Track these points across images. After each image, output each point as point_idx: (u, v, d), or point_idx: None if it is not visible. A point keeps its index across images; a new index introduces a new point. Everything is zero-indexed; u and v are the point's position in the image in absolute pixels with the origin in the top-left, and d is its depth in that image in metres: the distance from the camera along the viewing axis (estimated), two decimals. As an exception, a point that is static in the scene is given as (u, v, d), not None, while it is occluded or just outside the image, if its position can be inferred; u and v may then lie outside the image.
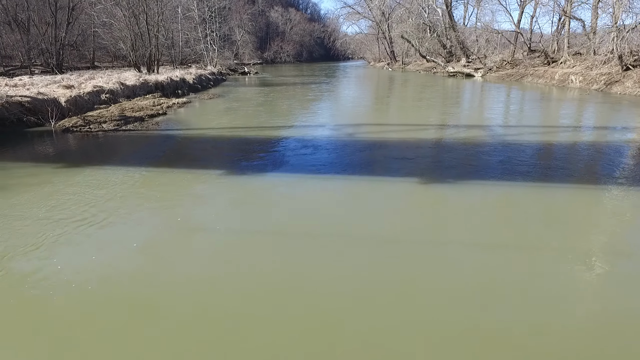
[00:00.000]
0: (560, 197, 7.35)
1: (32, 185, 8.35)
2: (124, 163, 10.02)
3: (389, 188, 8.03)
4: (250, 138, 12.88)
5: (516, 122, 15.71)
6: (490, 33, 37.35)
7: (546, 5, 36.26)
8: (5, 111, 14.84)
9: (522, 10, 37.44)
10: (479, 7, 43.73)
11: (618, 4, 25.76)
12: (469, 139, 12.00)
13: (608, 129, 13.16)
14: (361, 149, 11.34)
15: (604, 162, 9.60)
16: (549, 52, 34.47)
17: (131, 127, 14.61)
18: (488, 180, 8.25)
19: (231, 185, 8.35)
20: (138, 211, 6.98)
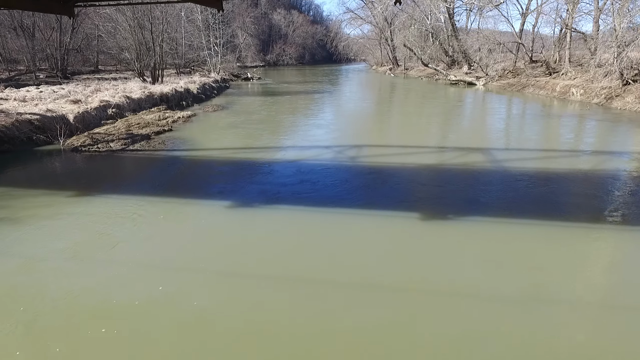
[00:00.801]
0: (555, 238, 7.61)
1: (45, 217, 8.65)
2: (132, 191, 10.33)
3: (386, 224, 8.30)
4: (253, 162, 13.14)
5: (516, 144, 15.91)
6: (492, 44, 37.50)
7: (548, 15, 36.48)
8: (16, 130, 15.17)
9: (523, 20, 37.68)
10: (481, 15, 43.95)
11: (619, 18, 25.97)
12: (468, 165, 12.25)
13: (605, 155, 13.37)
14: (360, 175, 11.62)
15: (597, 196, 9.85)
16: (550, 62, 34.69)
17: (138, 147, 14.91)
18: (486, 217, 8.51)
19: (233, 219, 8.64)
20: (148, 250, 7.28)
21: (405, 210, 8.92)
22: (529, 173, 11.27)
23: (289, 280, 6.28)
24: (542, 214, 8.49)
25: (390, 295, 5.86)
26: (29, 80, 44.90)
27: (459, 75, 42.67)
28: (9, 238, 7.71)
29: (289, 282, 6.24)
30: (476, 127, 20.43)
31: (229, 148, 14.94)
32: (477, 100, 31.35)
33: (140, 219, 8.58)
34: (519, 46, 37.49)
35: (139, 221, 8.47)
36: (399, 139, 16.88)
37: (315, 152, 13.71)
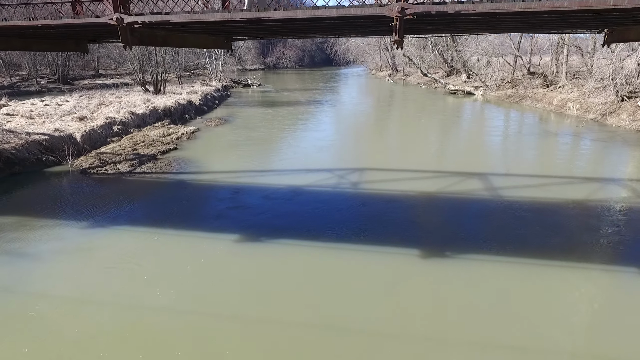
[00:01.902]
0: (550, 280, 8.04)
1: (61, 252, 9.05)
2: (141, 222, 10.75)
3: (384, 262, 8.71)
4: (256, 189, 13.50)
5: (513, 168, 16.18)
6: (491, 55, 37.95)
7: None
8: (26, 151, 15.53)
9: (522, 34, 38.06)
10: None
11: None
12: (465, 194, 12.65)
13: (598, 183, 13.78)
14: (359, 204, 12.03)
15: (588, 231, 10.29)
16: (548, 74, 35.17)
17: (145, 169, 15.29)
18: (482, 254, 8.92)
19: (238, 255, 9.05)
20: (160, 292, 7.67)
21: (402, 245, 9.31)
22: (523, 205, 11.68)
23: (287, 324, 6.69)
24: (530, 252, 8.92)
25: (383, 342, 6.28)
26: (30, 87, 45.29)
27: (457, 84, 43.09)
28: (26, 274, 8.09)
29: (288, 326, 6.65)
30: (474, 147, 20.83)
31: (232, 171, 15.29)
32: (476, 113, 31.79)
33: (149, 255, 8.97)
34: (517, 58, 37.93)
35: (149, 259, 8.86)
36: (398, 160, 17.23)
37: (315, 178, 13.98)
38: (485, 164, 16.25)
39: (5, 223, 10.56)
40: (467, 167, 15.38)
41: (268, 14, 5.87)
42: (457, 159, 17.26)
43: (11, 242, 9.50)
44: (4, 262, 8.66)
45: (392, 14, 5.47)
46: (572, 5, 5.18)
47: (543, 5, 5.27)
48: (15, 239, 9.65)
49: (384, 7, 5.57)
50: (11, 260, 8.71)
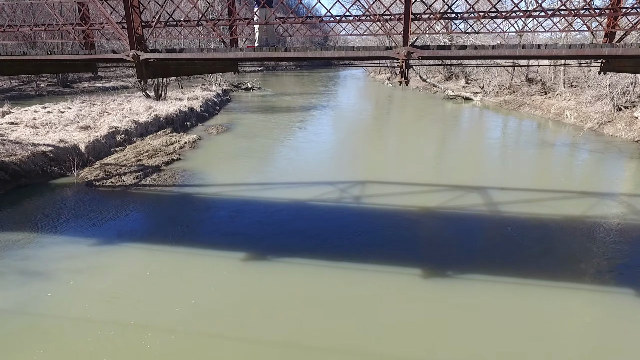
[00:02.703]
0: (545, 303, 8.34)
1: (73, 271, 9.28)
2: (149, 239, 10.98)
3: (385, 281, 8.99)
4: (258, 203, 13.72)
5: (511, 181, 16.48)
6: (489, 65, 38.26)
7: (543, 35, 37.23)
8: (32, 163, 15.73)
9: (520, 40, 38.40)
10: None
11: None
12: (463, 210, 12.95)
13: (594, 198, 14.09)
14: (360, 220, 12.31)
15: (584, 250, 10.61)
16: (545, 81, 35.54)
17: (150, 181, 15.53)
18: (480, 274, 9.23)
19: (241, 275, 9.32)
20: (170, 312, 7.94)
21: (402, 264, 9.60)
22: (522, 222, 11.99)
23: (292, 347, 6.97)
24: (528, 272, 9.22)
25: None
26: (30, 90, 45.34)
27: (456, 89, 43.44)
28: (39, 294, 8.33)
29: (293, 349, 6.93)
30: (473, 158, 21.13)
31: (235, 184, 15.52)
32: (475, 121, 32.12)
33: (156, 274, 9.23)
34: (515, 64, 38.27)
35: (156, 278, 9.12)
36: (397, 172, 17.50)
37: (315, 192, 14.20)
38: (484, 177, 16.54)
39: (16, 240, 10.78)
40: (467, 179, 15.69)
41: (279, 54, 6.14)
42: (457, 171, 17.54)
43: (24, 260, 9.73)
44: (18, 282, 8.90)
45: (399, 57, 5.74)
46: (570, 52, 5.46)
47: (542, 52, 5.55)
48: (27, 257, 9.88)
49: (392, 49, 5.84)
50: (24, 280, 8.94)
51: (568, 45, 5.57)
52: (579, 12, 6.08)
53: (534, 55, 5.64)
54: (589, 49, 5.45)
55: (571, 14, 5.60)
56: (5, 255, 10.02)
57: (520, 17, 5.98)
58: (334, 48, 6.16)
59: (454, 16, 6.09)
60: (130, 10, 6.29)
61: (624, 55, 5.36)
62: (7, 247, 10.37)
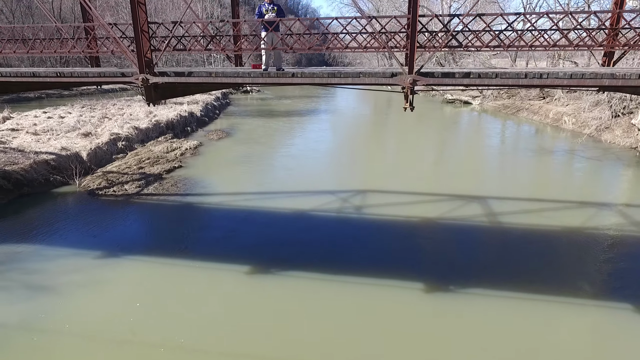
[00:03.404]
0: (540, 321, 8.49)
1: (79, 285, 9.37)
2: (152, 251, 11.06)
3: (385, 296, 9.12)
4: (261, 213, 13.84)
5: (509, 190, 16.61)
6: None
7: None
8: (34, 172, 15.79)
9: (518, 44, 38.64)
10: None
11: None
12: (463, 220, 13.09)
13: (591, 208, 14.26)
14: (361, 231, 12.44)
15: (583, 263, 10.77)
16: (543, 86, 35.77)
17: (152, 190, 15.62)
18: (480, 288, 9.36)
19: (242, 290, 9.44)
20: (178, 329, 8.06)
21: (403, 278, 9.72)
22: (521, 234, 12.15)
23: None
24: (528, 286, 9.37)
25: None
26: (29, 93, 45.28)
27: (455, 93, 43.64)
28: (47, 310, 8.43)
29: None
30: (472, 165, 21.29)
31: (236, 193, 15.61)
32: (474, 126, 32.31)
33: (160, 289, 9.34)
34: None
35: (160, 293, 9.23)
36: (397, 180, 17.60)
37: (316, 201, 14.28)
38: (483, 186, 16.69)
39: (21, 251, 10.87)
40: (466, 188, 15.83)
41: (287, 80, 6.27)
42: (456, 179, 17.68)
43: (30, 274, 9.81)
44: (23, 296, 8.99)
45: (405, 84, 5.86)
46: (572, 82, 5.61)
47: (544, 81, 5.69)
48: (32, 270, 9.97)
49: (397, 76, 5.96)
50: (31, 295, 9.03)
51: (569, 74, 5.71)
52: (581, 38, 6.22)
53: (537, 85, 5.78)
54: (590, 79, 5.59)
55: (572, 44, 5.75)
56: (11, 268, 10.10)
57: (521, 47, 6.13)
58: (340, 74, 6.29)
59: (456, 44, 6.22)
60: (139, 35, 6.39)
61: (623, 86, 5.51)
62: (12, 260, 10.46)
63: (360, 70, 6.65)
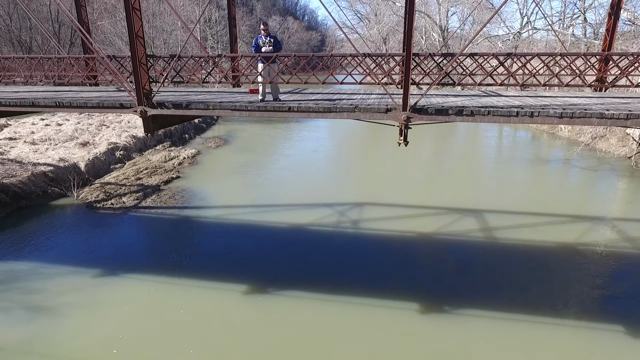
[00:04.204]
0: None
1: (77, 306, 9.45)
2: (149, 268, 11.15)
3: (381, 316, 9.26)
4: (258, 228, 13.94)
5: (507, 202, 16.72)
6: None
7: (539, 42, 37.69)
8: (32, 184, 15.85)
9: (515, 51, 38.85)
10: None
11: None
12: (459, 236, 13.23)
13: (585, 223, 14.39)
14: (355, 249, 12.57)
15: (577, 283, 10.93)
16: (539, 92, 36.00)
17: (150, 202, 15.69)
18: (475, 309, 9.50)
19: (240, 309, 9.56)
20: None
21: (398, 298, 9.85)
22: (516, 251, 12.29)
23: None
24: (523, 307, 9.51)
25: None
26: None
27: (452, 98, 43.78)
28: (46, 332, 8.51)
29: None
30: (468, 175, 21.44)
31: (233, 206, 15.68)
32: (470, 132, 32.43)
33: (159, 309, 9.44)
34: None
35: (158, 313, 9.33)
36: (393, 191, 17.70)
37: (312, 215, 14.47)
38: (479, 197, 16.82)
39: (21, 270, 10.94)
40: (461, 200, 15.97)
41: (284, 114, 6.38)
42: (452, 189, 17.80)
43: (30, 294, 9.89)
44: (23, 318, 9.07)
45: (399, 121, 5.98)
46: (562, 122, 5.74)
47: (535, 121, 5.83)
48: (33, 290, 10.05)
49: (391, 112, 6.08)
50: (31, 316, 9.11)
51: (559, 113, 5.83)
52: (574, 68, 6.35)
53: (527, 122, 5.92)
54: (579, 118, 5.72)
55: (562, 84, 5.90)
56: (10, 287, 10.18)
57: (512, 85, 6.26)
58: (336, 109, 6.40)
59: (450, 82, 6.35)
60: (138, 68, 6.49)
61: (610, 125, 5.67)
62: (12, 279, 10.53)
63: (357, 103, 6.76)
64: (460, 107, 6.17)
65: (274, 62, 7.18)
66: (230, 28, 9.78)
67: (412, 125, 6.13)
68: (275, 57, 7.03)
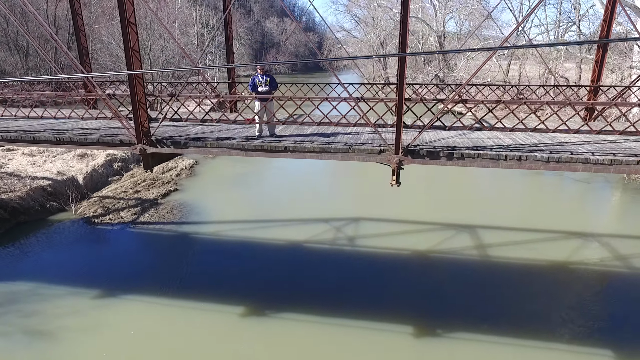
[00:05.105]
0: None
1: (75, 329, 9.61)
2: (148, 290, 11.28)
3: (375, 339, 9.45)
4: (254, 245, 14.12)
5: (502, 215, 17.03)
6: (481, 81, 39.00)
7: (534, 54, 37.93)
8: (31, 199, 15.97)
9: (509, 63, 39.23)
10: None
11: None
12: (454, 254, 13.44)
13: (577, 240, 14.65)
14: (351, 268, 12.76)
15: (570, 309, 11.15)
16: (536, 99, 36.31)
17: (148, 217, 15.83)
18: (469, 332, 9.71)
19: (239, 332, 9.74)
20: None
21: (393, 320, 10.04)
22: (511, 270, 12.51)
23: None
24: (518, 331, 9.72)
25: None
26: (23, 101, 45.32)
27: (448, 103, 44.02)
28: (47, 357, 8.69)
29: None
30: (462, 186, 21.65)
31: (231, 222, 15.83)
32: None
33: (157, 332, 9.61)
34: (506, 83, 39.03)
35: (157, 335, 9.49)
36: (390, 205, 17.87)
37: (310, 231, 14.64)
38: (473, 212, 16.98)
39: (20, 291, 11.07)
40: (456, 215, 16.13)
41: (279, 155, 6.56)
42: (446, 204, 18.00)
43: (29, 317, 10.04)
44: (23, 343, 9.22)
45: (391, 164, 6.17)
46: (549, 167, 5.94)
47: (523, 165, 6.03)
48: (32, 313, 10.19)
49: (384, 154, 6.27)
50: (30, 341, 9.26)
51: (546, 158, 6.03)
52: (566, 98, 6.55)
53: (515, 167, 6.13)
54: (565, 163, 5.92)
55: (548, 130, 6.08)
56: (10, 310, 10.32)
57: (502, 129, 6.46)
58: (331, 150, 6.58)
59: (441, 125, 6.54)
60: (137, 107, 6.64)
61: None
62: (12, 301, 10.67)
63: (351, 140, 6.94)
64: (451, 148, 6.35)
65: (271, 102, 7.35)
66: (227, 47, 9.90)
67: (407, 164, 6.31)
68: (272, 98, 7.19)
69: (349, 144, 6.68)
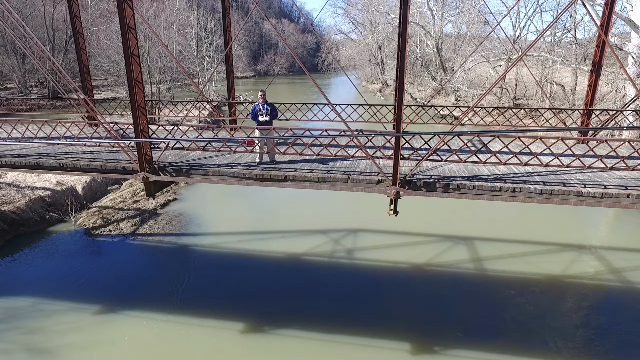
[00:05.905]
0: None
1: (77, 347, 9.73)
2: (149, 305, 11.41)
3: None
4: (252, 259, 14.28)
5: (500, 226, 17.19)
6: (477, 86, 39.25)
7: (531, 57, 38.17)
8: (30, 211, 16.05)
9: (506, 66, 39.32)
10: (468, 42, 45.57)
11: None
12: (450, 267, 13.62)
13: (571, 252, 14.86)
14: (350, 282, 12.91)
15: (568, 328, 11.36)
16: (532, 104, 36.57)
17: (147, 229, 15.95)
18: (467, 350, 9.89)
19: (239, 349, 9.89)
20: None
21: (390, 337, 10.22)
22: (508, 285, 12.69)
23: None
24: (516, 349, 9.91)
25: None
26: (20, 104, 45.17)
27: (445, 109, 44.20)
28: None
29: None
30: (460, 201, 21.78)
31: (230, 233, 15.94)
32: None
33: (158, 350, 9.74)
34: (503, 89, 39.29)
35: (157, 353, 9.63)
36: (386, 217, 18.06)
37: (308, 244, 14.78)
38: (470, 223, 17.14)
39: (20, 307, 11.16)
40: (453, 225, 16.30)
41: (279, 184, 6.70)
42: (444, 217, 18.11)
43: (30, 334, 10.14)
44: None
45: (389, 195, 6.33)
46: (541, 200, 6.12)
47: (516, 197, 6.19)
48: (33, 330, 10.29)
49: (382, 185, 6.42)
50: (32, 359, 9.37)
51: (539, 190, 6.21)
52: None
53: (509, 200, 6.30)
54: (558, 196, 6.09)
55: (541, 163, 6.27)
56: (11, 327, 10.42)
57: (496, 163, 6.62)
58: (330, 179, 6.73)
59: (437, 158, 6.70)
60: (140, 136, 6.76)
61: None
62: (12, 317, 10.76)
63: (350, 168, 7.09)
64: (447, 178, 6.52)
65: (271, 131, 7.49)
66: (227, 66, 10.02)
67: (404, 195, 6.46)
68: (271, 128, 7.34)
69: (348, 172, 6.83)
